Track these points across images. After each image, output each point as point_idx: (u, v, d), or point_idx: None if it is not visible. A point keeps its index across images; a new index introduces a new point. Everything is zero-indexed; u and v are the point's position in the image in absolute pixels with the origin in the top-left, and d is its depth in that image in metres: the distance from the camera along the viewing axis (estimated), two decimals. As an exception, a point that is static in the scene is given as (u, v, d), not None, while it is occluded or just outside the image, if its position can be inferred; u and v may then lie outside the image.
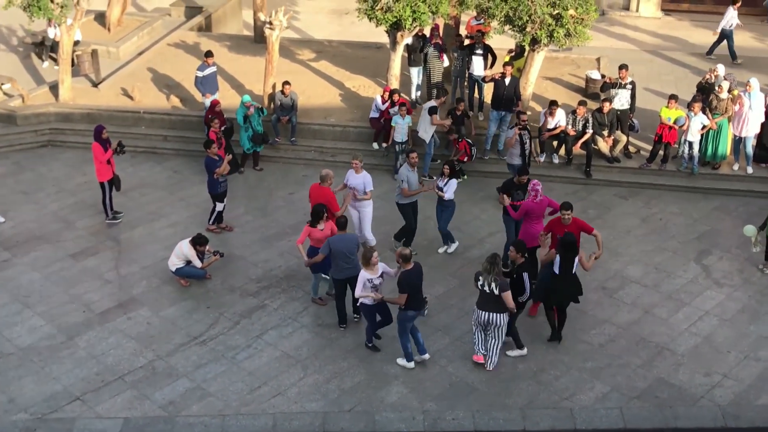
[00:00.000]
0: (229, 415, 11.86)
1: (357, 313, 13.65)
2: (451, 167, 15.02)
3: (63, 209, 17.10)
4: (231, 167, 16.35)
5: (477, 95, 19.71)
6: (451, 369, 12.75)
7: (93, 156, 16.18)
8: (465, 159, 17.67)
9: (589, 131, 17.76)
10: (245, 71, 21.71)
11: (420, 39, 19.62)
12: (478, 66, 19.16)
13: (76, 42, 20.94)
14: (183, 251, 14.39)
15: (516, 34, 17.55)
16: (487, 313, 12.19)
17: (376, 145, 18.88)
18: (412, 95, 20.09)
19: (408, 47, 19.59)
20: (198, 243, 14.37)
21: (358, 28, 23.43)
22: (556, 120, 17.84)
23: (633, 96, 18.39)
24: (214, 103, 18.21)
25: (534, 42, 17.38)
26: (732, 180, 17.95)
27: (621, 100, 18.24)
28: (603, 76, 20.30)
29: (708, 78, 18.91)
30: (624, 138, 18.30)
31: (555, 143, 18.38)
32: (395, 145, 17.78)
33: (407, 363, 12.71)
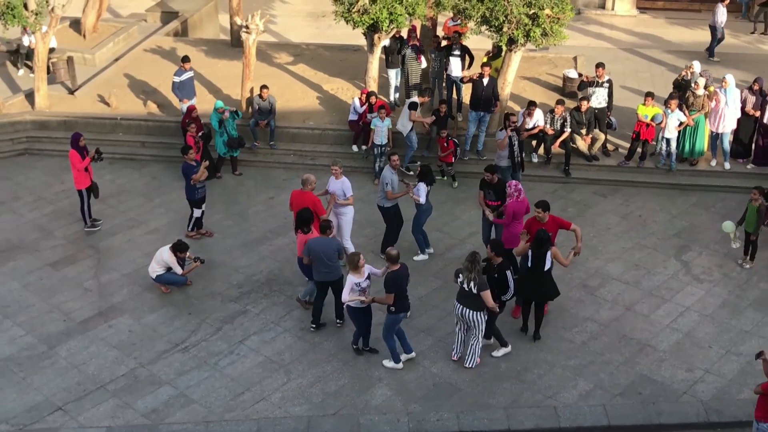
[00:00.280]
0: (213, 422, 11.82)
1: (339, 319, 13.63)
2: (423, 171, 15.00)
3: (41, 218, 16.97)
4: (208, 173, 16.30)
5: (455, 96, 19.75)
6: (435, 370, 12.77)
7: (70, 164, 16.07)
8: (452, 159, 17.73)
9: (568, 130, 17.83)
10: (222, 76, 21.64)
11: (397, 41, 19.63)
12: (455, 67, 19.19)
13: (51, 49, 20.79)
14: (163, 258, 14.32)
15: (493, 34, 17.59)
16: (463, 308, 12.27)
17: (355, 148, 18.86)
18: (390, 97, 20.10)
19: (385, 49, 19.59)
20: (178, 249, 14.31)
21: (335, 30, 23.46)
22: (534, 120, 17.90)
23: (610, 94, 18.47)
24: (190, 109, 18.17)
25: (511, 42, 17.43)
26: (710, 176, 18.07)
27: (598, 98, 18.32)
28: (580, 74, 20.39)
29: (684, 75, 19.03)
30: (602, 136, 18.39)
31: (534, 142, 18.46)
32: (375, 148, 17.78)
33: (395, 364, 12.71)
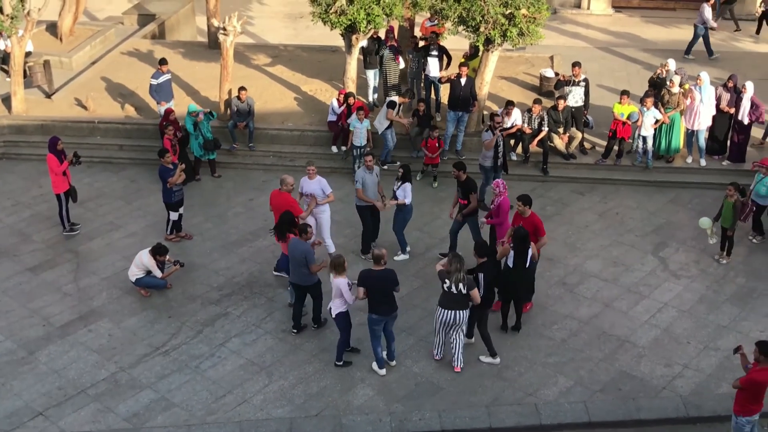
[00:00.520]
0: (195, 425, 11.80)
1: (316, 323, 13.61)
2: (405, 171, 15.07)
3: (19, 222, 16.87)
4: (186, 176, 16.29)
5: (434, 96, 19.82)
6: (417, 369, 12.81)
7: (48, 168, 16.00)
8: (439, 161, 17.82)
9: (545, 129, 17.94)
10: (200, 78, 21.60)
11: (375, 41, 19.68)
12: (433, 67, 19.26)
13: (27, 53, 20.68)
14: (143, 261, 14.28)
15: (470, 34, 17.66)
16: (453, 312, 12.24)
17: (334, 149, 18.88)
18: (369, 98, 20.14)
19: (363, 50, 19.62)
20: (158, 253, 14.27)
21: (312, 31, 23.48)
22: (512, 119, 18.00)
23: (587, 93, 18.62)
24: (168, 111, 18.13)
25: (488, 42, 17.51)
26: (686, 173, 18.24)
27: (575, 97, 18.46)
28: (557, 74, 20.52)
29: (659, 73, 19.19)
30: (579, 134, 18.52)
31: (512, 142, 18.55)
32: (354, 149, 17.81)
33: (378, 369, 12.72)
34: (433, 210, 17.12)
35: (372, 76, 20.03)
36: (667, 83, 18.20)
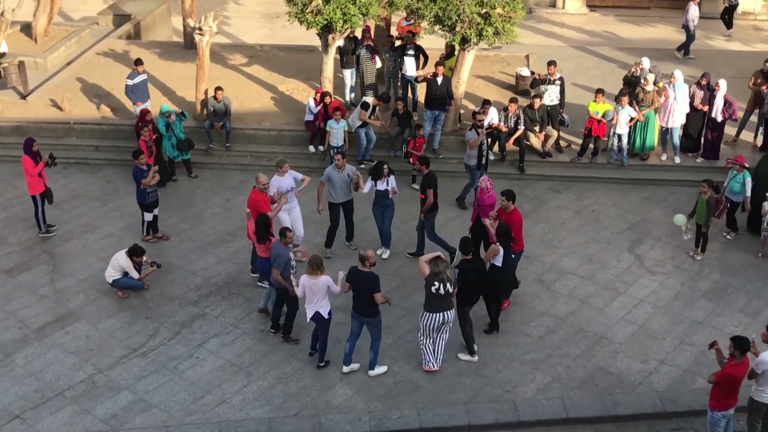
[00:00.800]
0: (173, 426, 11.78)
1: (283, 331, 13.43)
2: (386, 167, 15.11)
3: (-6, 225, 16.77)
4: (160, 177, 16.23)
5: (410, 95, 19.87)
6: (396, 368, 12.84)
7: (24, 169, 15.90)
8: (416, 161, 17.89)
9: (521, 127, 18.04)
10: (176, 78, 21.51)
11: (352, 41, 19.69)
12: (410, 66, 19.31)
13: (2, 54, 20.53)
14: (119, 263, 14.23)
15: (446, 33, 17.72)
16: (442, 314, 12.25)
17: (312, 148, 18.88)
18: (346, 97, 20.16)
19: (340, 50, 19.63)
20: (134, 254, 14.23)
21: (289, 31, 23.43)
22: (489, 118, 18.04)
23: (562, 91, 18.74)
24: (144, 112, 18.04)
25: (464, 41, 17.57)
26: (660, 170, 18.40)
27: (551, 95, 18.57)
28: (532, 72, 20.60)
29: (634, 71, 19.32)
30: (555, 133, 18.64)
31: (488, 140, 18.58)
32: (331, 150, 17.81)
33: (344, 365, 12.77)
34: (411, 209, 17.10)
35: (349, 75, 20.04)
36: (642, 81, 18.33)
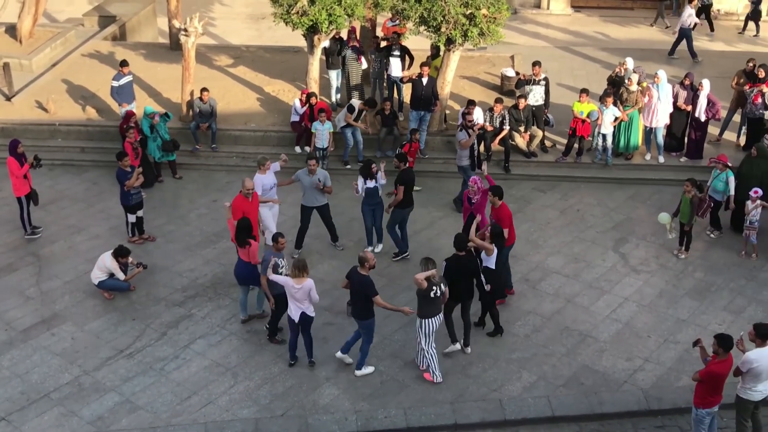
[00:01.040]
0: (160, 427, 11.77)
1: (270, 332, 13.46)
2: (374, 166, 15.18)
3: (-21, 227, 16.70)
4: (146, 179, 16.21)
5: (396, 96, 19.91)
6: (382, 367, 12.87)
7: (9, 171, 15.85)
8: (412, 165, 17.91)
9: (506, 127, 18.10)
10: (162, 79, 21.49)
11: (337, 42, 19.72)
12: (395, 67, 19.36)
13: (-15, 55, 20.47)
14: (105, 264, 14.21)
15: (431, 34, 17.77)
16: (438, 317, 12.31)
17: (298, 149, 18.87)
18: (332, 98, 20.19)
19: (326, 50, 19.65)
20: (120, 255, 14.22)
21: (274, 32, 23.43)
22: (474, 118, 18.09)
23: (547, 92, 18.82)
24: (129, 114, 18.01)
25: (449, 42, 17.63)
26: (645, 169, 18.50)
27: (535, 96, 18.65)
28: (517, 73, 20.70)
29: (618, 71, 19.43)
30: (540, 133, 18.72)
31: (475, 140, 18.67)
32: (317, 151, 17.83)
33: (343, 354, 12.87)
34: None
35: (334, 76, 20.08)
36: (626, 81, 18.44)
